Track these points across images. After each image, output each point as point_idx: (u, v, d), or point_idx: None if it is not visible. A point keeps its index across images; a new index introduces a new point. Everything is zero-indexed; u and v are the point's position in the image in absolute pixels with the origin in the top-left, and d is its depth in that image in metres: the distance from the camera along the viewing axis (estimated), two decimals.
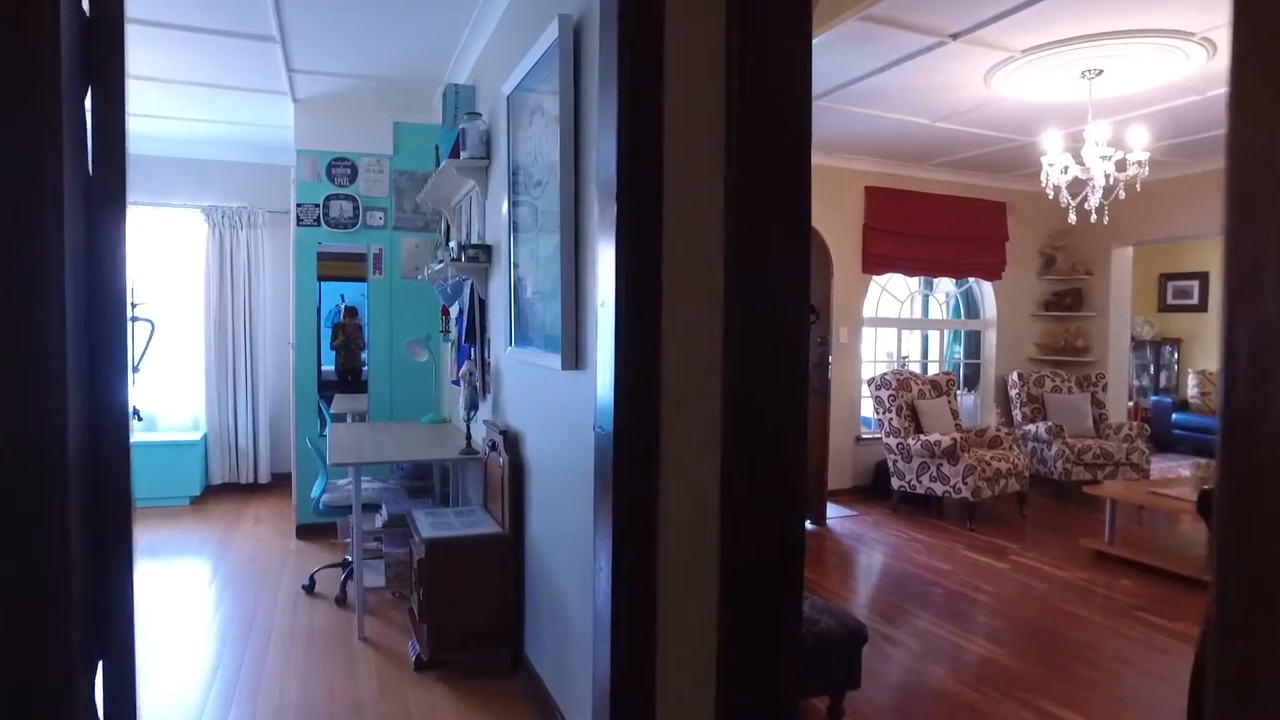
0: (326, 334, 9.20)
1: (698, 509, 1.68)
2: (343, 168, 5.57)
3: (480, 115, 4.03)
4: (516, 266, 3.38)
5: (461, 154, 3.99)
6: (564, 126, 2.63)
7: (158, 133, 6.45)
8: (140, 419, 2.34)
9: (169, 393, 6.98)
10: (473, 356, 4.14)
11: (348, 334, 6.58)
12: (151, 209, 6.87)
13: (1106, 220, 4.67)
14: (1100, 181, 4.21)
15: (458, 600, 3.39)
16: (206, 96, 5.46)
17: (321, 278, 8.44)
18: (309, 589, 4.52)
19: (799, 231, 1.64)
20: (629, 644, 1.62)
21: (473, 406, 3.90)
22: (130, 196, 4.44)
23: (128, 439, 1.59)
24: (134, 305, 2.23)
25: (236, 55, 4.70)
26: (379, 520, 4.06)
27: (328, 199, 5.54)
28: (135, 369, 2.23)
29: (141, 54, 4.77)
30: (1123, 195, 4.24)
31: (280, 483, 6.93)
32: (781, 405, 1.60)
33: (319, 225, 5.53)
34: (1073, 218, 4.51)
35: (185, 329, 6.97)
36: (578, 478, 2.63)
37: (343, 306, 8.21)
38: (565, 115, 2.62)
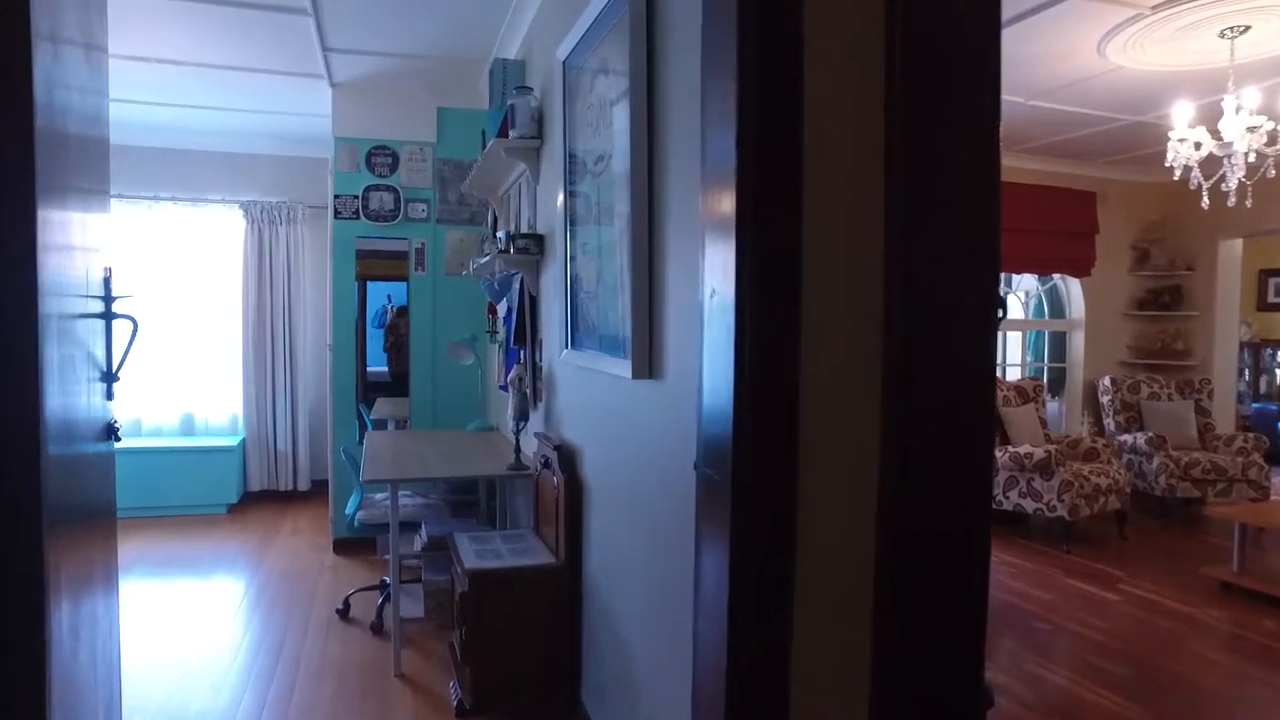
0: (374, 335, 8.92)
1: (848, 590, 1.22)
2: (383, 157, 5.20)
3: (531, 90, 3.60)
4: (573, 259, 2.94)
5: (510, 133, 3.57)
6: (634, 87, 2.18)
7: (194, 125, 6.17)
8: (119, 438, 1.92)
9: (207, 396, 6.71)
10: (522, 360, 3.72)
11: (399, 335, 6.25)
12: (189, 205, 6.60)
13: (1250, 203, 4.08)
14: (1241, 159, 3.63)
15: (505, 640, 2.96)
16: (240, 82, 5.13)
17: (367, 277, 8.14)
18: (343, 613, 4.13)
19: (986, 206, 1.17)
20: None
21: (522, 416, 3.47)
22: (167, 192, 4.02)
23: (33, 453, 1.22)
24: (109, 300, 1.82)
25: (267, 34, 4.35)
26: (418, 542, 3.66)
27: (367, 190, 5.17)
28: (113, 376, 1.83)
29: (167, 35, 4.44)
30: (1274, 173, 3.66)
31: (320, 490, 6.59)
32: (965, 433, 1.14)
33: (358, 218, 5.16)
34: (1205, 201, 3.93)
35: (223, 329, 6.69)
36: (648, 506, 2.18)
37: (390, 307, 7.90)
38: (636, 72, 2.17)
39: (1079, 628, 4.06)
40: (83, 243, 1.66)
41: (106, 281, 1.85)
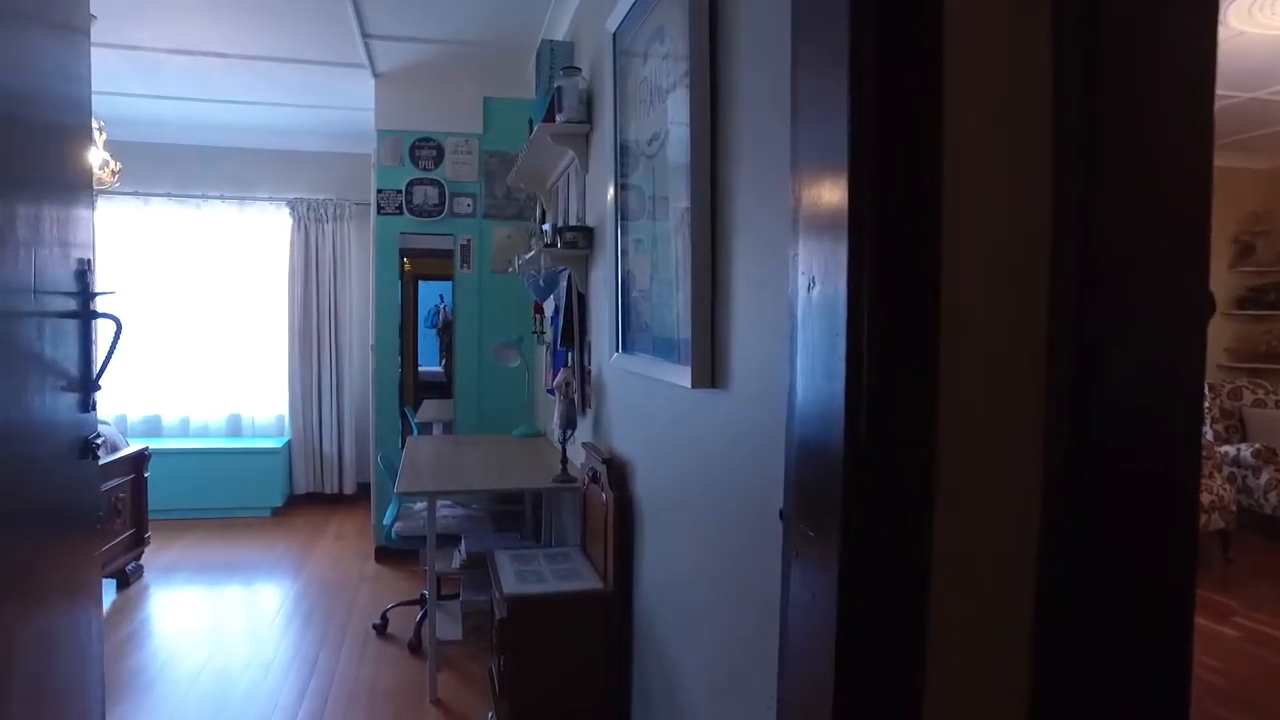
0: (427, 335, 8.78)
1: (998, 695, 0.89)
2: (427, 149, 4.97)
3: (579, 70, 3.32)
4: (624, 253, 2.64)
5: (557, 117, 3.29)
6: (695, 56, 1.87)
7: (240, 122, 6.06)
8: (98, 456, 1.66)
9: (254, 396, 6.59)
10: (570, 363, 3.43)
11: (453, 335, 6.08)
12: (237, 204, 6.50)
13: None
14: None
15: (547, 670, 2.67)
16: (283, 74, 4.96)
17: (419, 276, 7.98)
18: (380, 629, 3.90)
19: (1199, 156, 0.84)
20: None
21: (570, 424, 3.18)
22: (215, 191, 3.84)
23: None
24: (90, 296, 1.58)
25: (308, 21, 4.17)
26: (457, 558, 3.40)
27: (411, 184, 4.95)
28: (94, 384, 1.59)
29: (208, 26, 4.29)
30: None
31: (366, 494, 6.41)
32: (1163, 465, 0.81)
33: (401, 214, 4.94)
34: None
35: (271, 329, 6.57)
36: (709, 531, 1.87)
37: (443, 307, 7.72)
38: (697, 39, 1.86)
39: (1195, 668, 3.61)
40: (53, 237, 1.43)
41: (81, 276, 1.60)
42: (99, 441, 1.68)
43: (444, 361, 8.29)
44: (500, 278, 4.99)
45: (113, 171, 4.49)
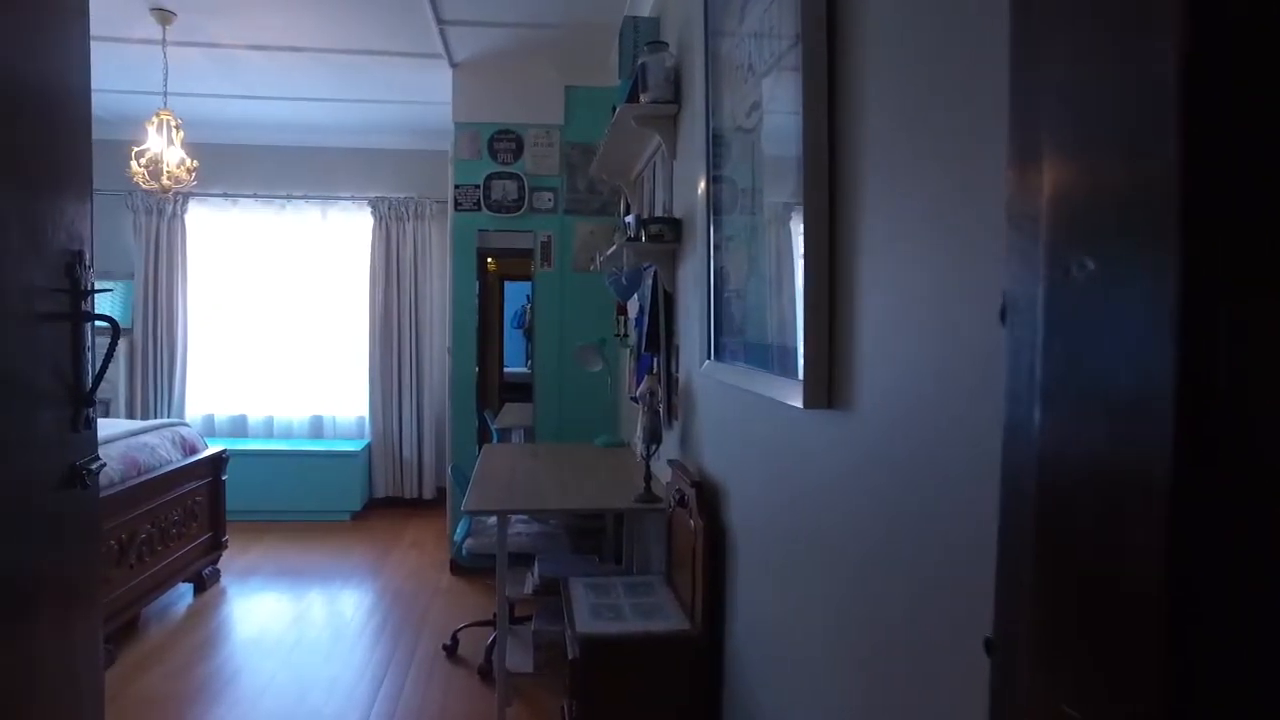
0: (513, 336, 8.64)
1: None
2: (506, 142, 4.74)
3: (666, 45, 3.00)
4: (717, 248, 2.31)
5: (642, 97, 2.97)
6: (808, 23, 1.52)
7: (321, 121, 5.99)
8: (87, 485, 1.39)
9: (336, 397, 6.52)
10: (654, 369, 3.12)
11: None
12: (319, 204, 6.43)
13: None
14: None
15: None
16: (361, 68, 4.82)
17: (504, 276, 7.83)
18: (450, 650, 3.67)
19: None
20: None
21: (654, 438, 2.86)
22: (299, 191, 3.62)
23: None
24: (86, 293, 1.34)
25: (383, 11, 3.99)
26: (530, 582, 3.13)
27: (489, 179, 4.72)
28: (87, 398, 1.33)
29: (284, 19, 4.17)
30: None
31: (444, 500, 6.24)
32: None
33: (479, 210, 4.72)
34: None
35: (352, 330, 6.48)
36: (824, 581, 1.53)
37: (529, 308, 7.56)
38: (811, 5, 1.51)
39: None
40: (33, 227, 1.20)
41: (71, 270, 1.36)
42: (95, 466, 1.43)
43: (529, 363, 8.11)
44: (582, 277, 4.72)
45: (189, 169, 4.40)
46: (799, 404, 1.53)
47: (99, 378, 1.40)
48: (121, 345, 6.20)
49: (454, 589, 4.55)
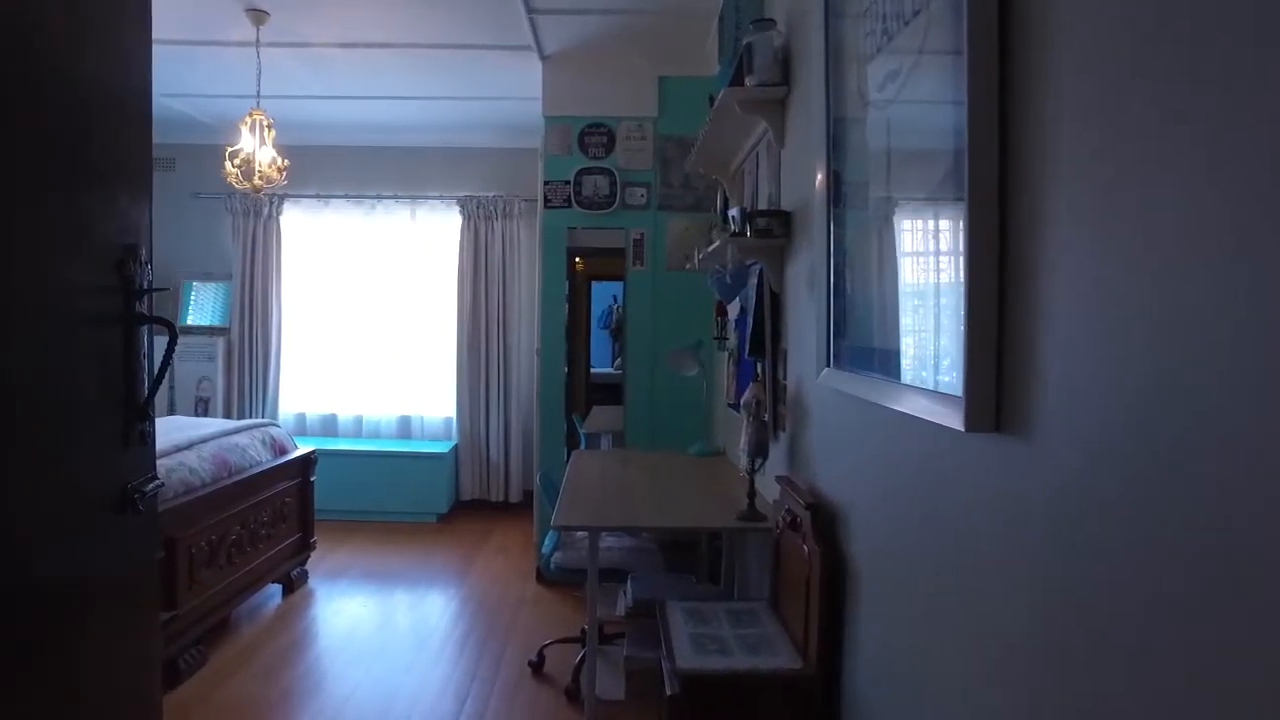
0: (600, 336, 8.51)
1: None
2: (597, 136, 4.56)
3: (773, 23, 2.75)
4: (837, 244, 2.06)
5: (747, 80, 2.74)
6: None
7: (411, 121, 5.95)
8: (140, 509, 1.21)
9: (425, 398, 6.48)
10: (760, 376, 2.87)
11: (625, 339, 5.73)
12: (408, 203, 6.41)
13: None
14: None
15: None
16: (449, 63, 4.73)
17: (591, 276, 7.70)
18: (536, 666, 3.50)
19: None
20: None
21: (760, 452, 2.62)
22: (388, 191, 3.49)
23: None
24: (141, 292, 1.18)
25: (469, 1, 3.86)
26: (622, 602, 2.92)
27: (580, 174, 4.55)
28: (142, 410, 1.18)
29: (371, 15, 4.09)
30: None
31: (530, 503, 6.11)
32: None
33: (569, 206, 4.56)
34: None
35: (441, 330, 6.43)
36: (980, 629, 1.27)
37: (617, 307, 7.41)
38: None
39: None
40: (82, 220, 1.06)
41: (123, 267, 1.20)
42: (150, 488, 1.27)
43: (617, 363, 7.99)
44: (676, 275, 4.50)
45: (280, 169, 4.37)
46: (956, 425, 1.27)
47: (154, 387, 1.25)
48: (219, 345, 6.30)
49: (540, 599, 4.40)
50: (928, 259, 1.50)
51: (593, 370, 7.87)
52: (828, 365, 2.12)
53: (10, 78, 0.98)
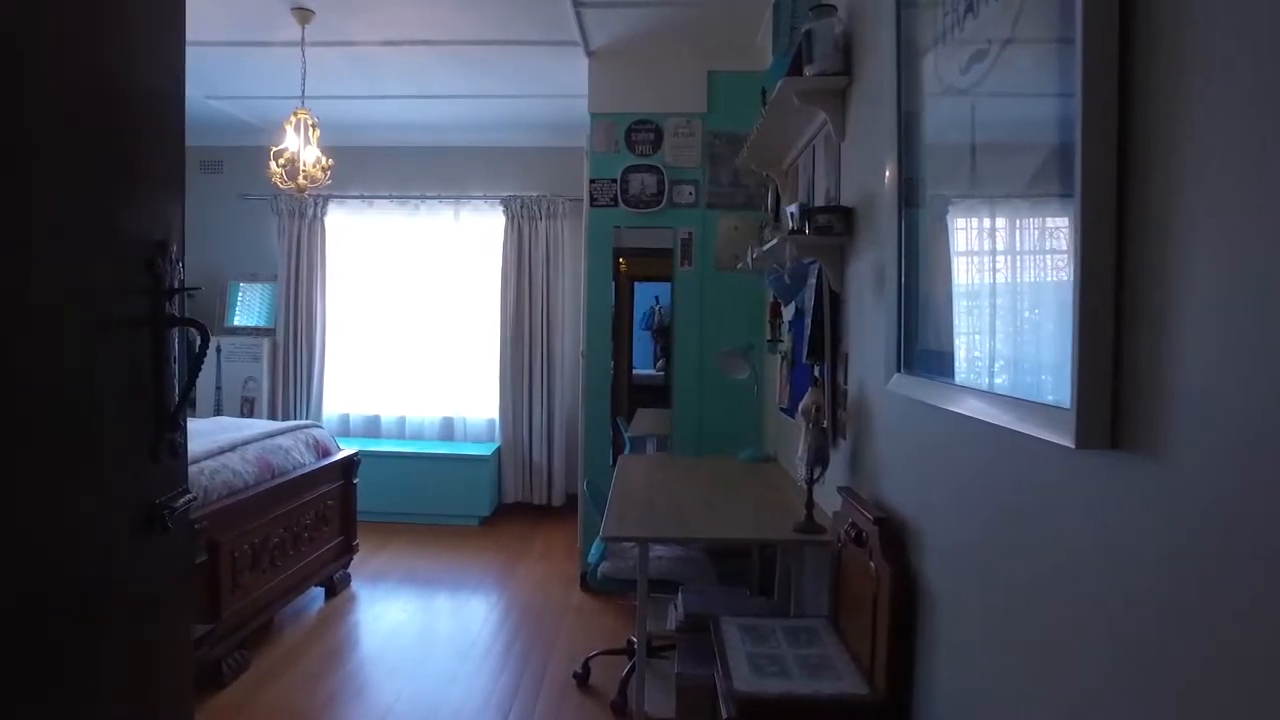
0: (641, 337, 8.41)
1: None
2: (644, 132, 4.45)
3: (833, 9, 2.61)
4: (910, 241, 1.92)
5: (806, 69, 2.61)
6: None
7: (454, 120, 5.91)
8: (170, 527, 1.11)
9: (468, 400, 6.43)
10: (818, 380, 2.74)
11: (670, 340, 5.64)
12: (451, 203, 6.36)
13: None
14: None
15: None
16: (494, 60, 4.65)
17: (634, 277, 7.60)
18: (581, 678, 3.40)
19: None
20: None
21: (821, 461, 2.48)
22: (432, 191, 3.39)
23: None
24: (172, 292, 1.09)
25: None
26: (673, 616, 2.80)
27: (626, 172, 4.44)
28: (172, 421, 1.09)
29: (416, 12, 4.03)
30: None
31: (574, 507, 6.02)
32: None
33: (616, 205, 4.45)
34: None
35: (484, 331, 6.37)
36: (1088, 671, 1.13)
37: (659, 308, 7.32)
38: None
39: None
40: (109, 212, 0.97)
41: (152, 265, 1.10)
42: (181, 504, 1.16)
43: (658, 364, 7.89)
44: (726, 276, 4.37)
45: (324, 168, 4.34)
46: (1063, 440, 1.13)
47: (185, 394, 1.16)
48: (264, 346, 6.31)
49: (585, 608, 4.30)
50: (1023, 258, 1.36)
51: (634, 372, 7.77)
52: (898, 370, 1.98)
53: (30, 69, 0.90)
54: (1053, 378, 1.21)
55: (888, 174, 2.03)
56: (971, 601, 1.59)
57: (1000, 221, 1.45)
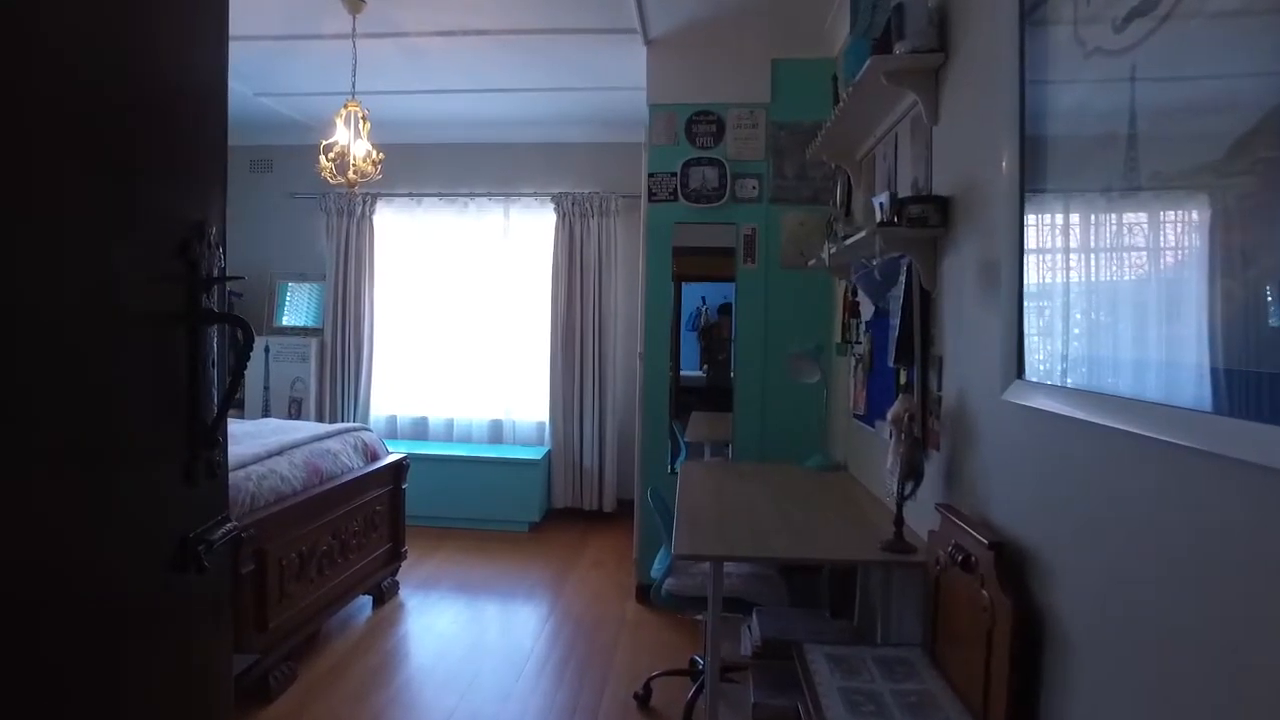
0: (688, 338, 8.23)
1: None
2: (705, 124, 4.25)
3: None
4: (1037, 232, 1.71)
5: (896, 46, 2.39)
6: None
7: (506, 116, 5.78)
8: (205, 566, 0.92)
9: (517, 402, 6.28)
10: (902, 383, 2.51)
11: (713, 339, 5.47)
12: (501, 201, 6.22)
13: None
14: None
15: None
16: (547, 50, 4.50)
17: (681, 277, 7.41)
18: (642, 699, 3.21)
19: None
20: None
21: (912, 475, 2.26)
22: (481, 188, 3.13)
23: None
24: (210, 282, 0.93)
25: None
26: (747, 640, 2.60)
27: (686, 166, 4.24)
28: (209, 435, 0.92)
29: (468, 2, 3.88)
30: None
31: (625, 513, 5.84)
32: None
33: (675, 200, 4.26)
34: None
35: (534, 331, 6.22)
36: None
37: (704, 309, 7.14)
38: None
39: None
40: (140, 192, 0.81)
41: (185, 248, 0.93)
42: (219, 536, 0.97)
43: (703, 366, 7.72)
44: (791, 275, 4.15)
45: (375, 162, 4.21)
46: None
47: (225, 404, 0.98)
48: (312, 346, 6.23)
49: (642, 621, 4.11)
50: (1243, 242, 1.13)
51: (684, 372, 7.57)
52: (1018, 377, 1.76)
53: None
54: None
55: (1005, 158, 1.80)
56: (1125, 651, 1.36)
57: (1189, 201, 1.22)
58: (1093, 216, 1.49)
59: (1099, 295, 1.46)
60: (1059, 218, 1.63)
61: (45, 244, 0.73)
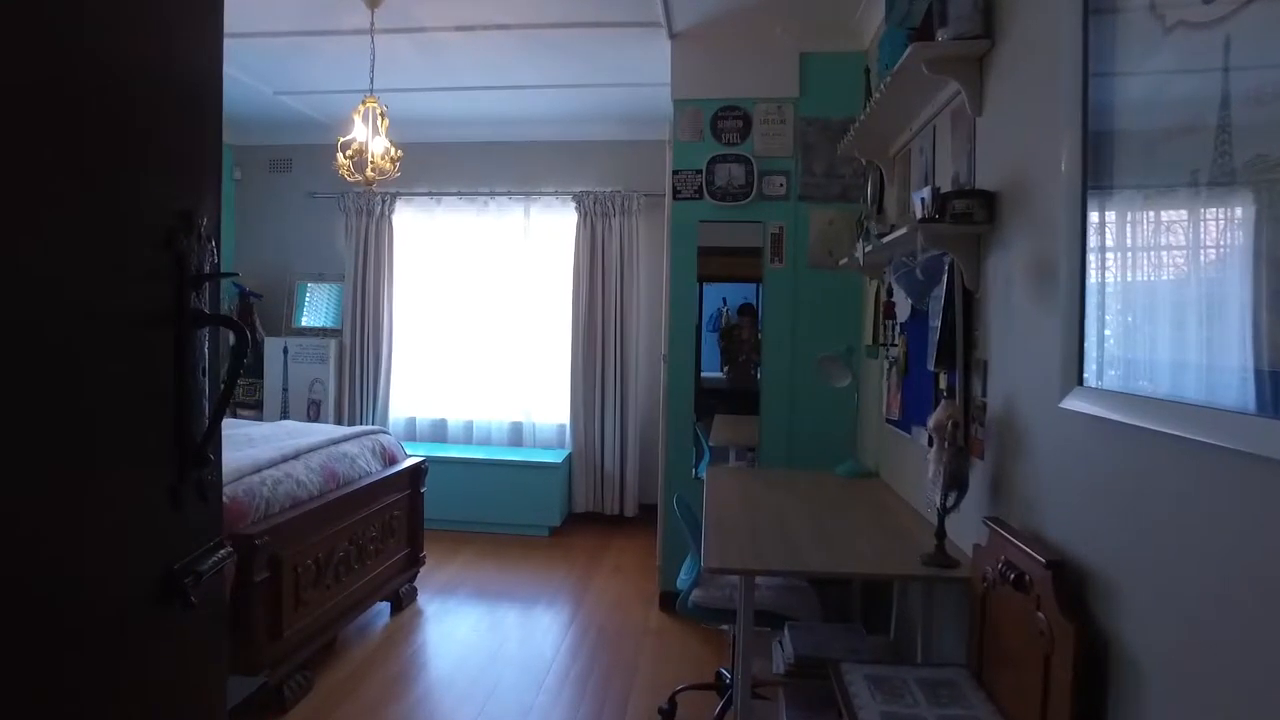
0: (709, 339, 8.11)
1: None
2: (731, 119, 4.13)
3: None
4: (1103, 228, 1.58)
5: (939, 33, 2.26)
6: None
7: (526, 114, 5.70)
8: (192, 600, 0.80)
9: (537, 404, 6.18)
10: (941, 386, 2.38)
11: (734, 340, 5.35)
12: (521, 200, 6.13)
13: None
14: None
15: None
16: (569, 45, 4.40)
17: (704, 278, 7.30)
18: (667, 714, 3.10)
19: None
20: None
21: (955, 486, 2.14)
22: (501, 187, 3.04)
23: None
24: (201, 279, 0.82)
25: None
26: (779, 657, 2.48)
27: (712, 162, 4.13)
28: (198, 452, 0.81)
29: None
30: None
31: (647, 517, 5.73)
32: None
33: (700, 197, 4.14)
34: None
35: (555, 333, 6.12)
36: None
37: (725, 310, 7.02)
38: None
39: None
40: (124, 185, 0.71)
41: (171, 239, 0.82)
42: (208, 566, 0.84)
43: (725, 368, 7.62)
44: (820, 275, 4.03)
45: (393, 159, 4.13)
46: None
47: (216, 419, 0.88)
48: (331, 347, 6.17)
49: (665, 631, 3.99)
50: None
51: (704, 374, 7.45)
52: (1078, 384, 1.63)
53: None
54: None
55: (1065, 149, 1.68)
56: (1208, 684, 1.24)
57: None
58: (1166, 213, 1.36)
59: (1175, 297, 1.33)
60: (1129, 214, 1.50)
61: (10, 237, 0.63)
